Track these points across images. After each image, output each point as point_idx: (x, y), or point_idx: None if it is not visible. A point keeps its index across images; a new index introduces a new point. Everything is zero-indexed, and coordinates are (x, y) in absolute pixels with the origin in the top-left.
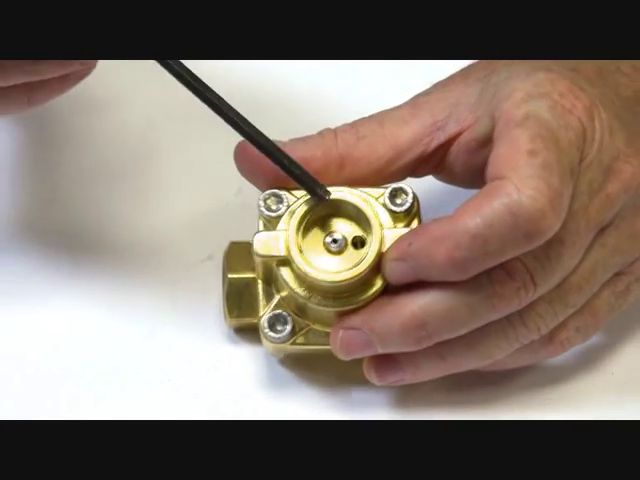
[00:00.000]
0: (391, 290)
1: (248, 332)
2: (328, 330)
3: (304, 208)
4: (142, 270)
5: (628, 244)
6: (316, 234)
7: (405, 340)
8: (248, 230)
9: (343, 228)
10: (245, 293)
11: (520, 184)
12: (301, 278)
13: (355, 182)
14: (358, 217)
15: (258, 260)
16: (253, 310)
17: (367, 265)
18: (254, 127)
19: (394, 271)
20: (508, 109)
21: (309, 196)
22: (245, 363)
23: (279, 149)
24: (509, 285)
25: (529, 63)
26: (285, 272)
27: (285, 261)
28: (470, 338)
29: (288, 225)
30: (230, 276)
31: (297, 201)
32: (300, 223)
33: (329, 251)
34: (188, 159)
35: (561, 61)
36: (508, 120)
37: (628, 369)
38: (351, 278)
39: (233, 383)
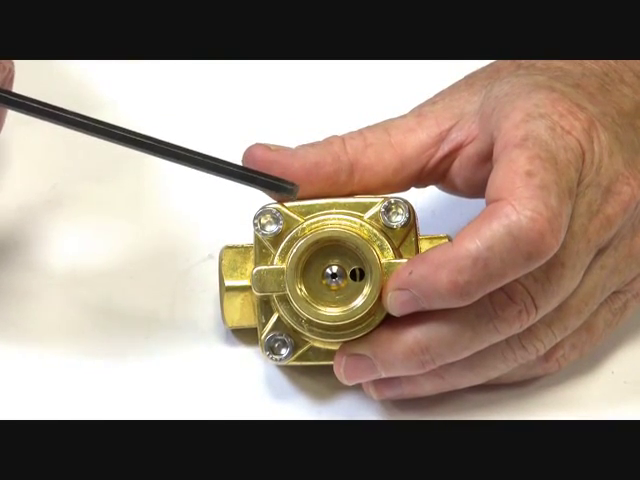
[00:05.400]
0: (393, 316)
1: (246, 333)
2: (328, 347)
3: (303, 245)
4: (142, 269)
5: (626, 264)
6: (315, 266)
7: (409, 365)
8: (248, 230)
9: (341, 259)
10: (243, 300)
11: (518, 205)
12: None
13: (362, 190)
14: (356, 250)
15: (257, 294)
16: (252, 315)
17: (368, 304)
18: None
19: (396, 301)
20: (507, 129)
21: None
22: (243, 363)
23: (229, 162)
24: (511, 308)
25: (532, 77)
26: (285, 307)
27: (285, 296)
28: (469, 360)
29: (287, 260)
30: (228, 284)
31: (295, 228)
32: (299, 261)
33: (328, 285)
34: None
35: (565, 75)
36: (507, 141)
37: (628, 369)
38: (350, 317)
39: (231, 383)
